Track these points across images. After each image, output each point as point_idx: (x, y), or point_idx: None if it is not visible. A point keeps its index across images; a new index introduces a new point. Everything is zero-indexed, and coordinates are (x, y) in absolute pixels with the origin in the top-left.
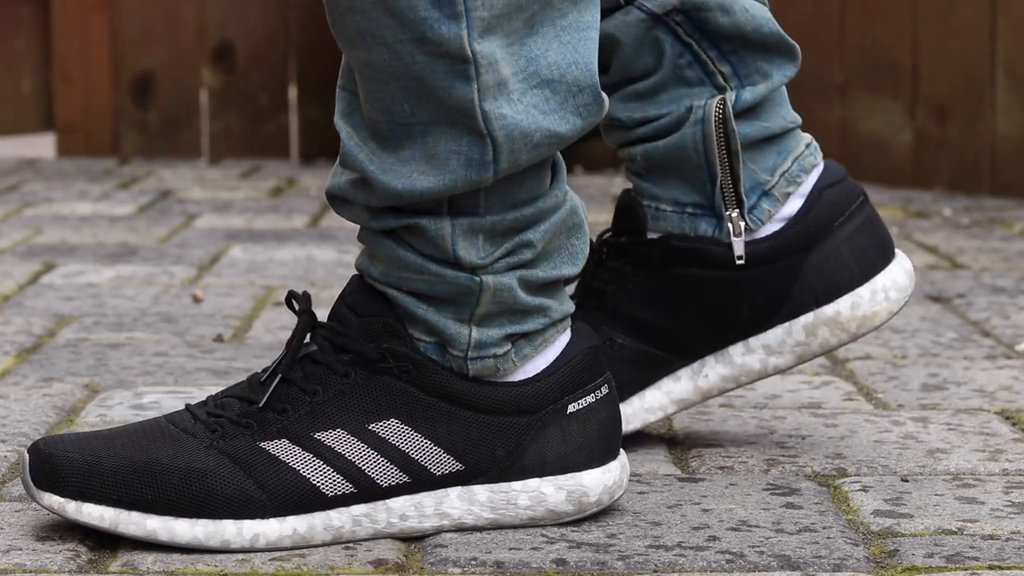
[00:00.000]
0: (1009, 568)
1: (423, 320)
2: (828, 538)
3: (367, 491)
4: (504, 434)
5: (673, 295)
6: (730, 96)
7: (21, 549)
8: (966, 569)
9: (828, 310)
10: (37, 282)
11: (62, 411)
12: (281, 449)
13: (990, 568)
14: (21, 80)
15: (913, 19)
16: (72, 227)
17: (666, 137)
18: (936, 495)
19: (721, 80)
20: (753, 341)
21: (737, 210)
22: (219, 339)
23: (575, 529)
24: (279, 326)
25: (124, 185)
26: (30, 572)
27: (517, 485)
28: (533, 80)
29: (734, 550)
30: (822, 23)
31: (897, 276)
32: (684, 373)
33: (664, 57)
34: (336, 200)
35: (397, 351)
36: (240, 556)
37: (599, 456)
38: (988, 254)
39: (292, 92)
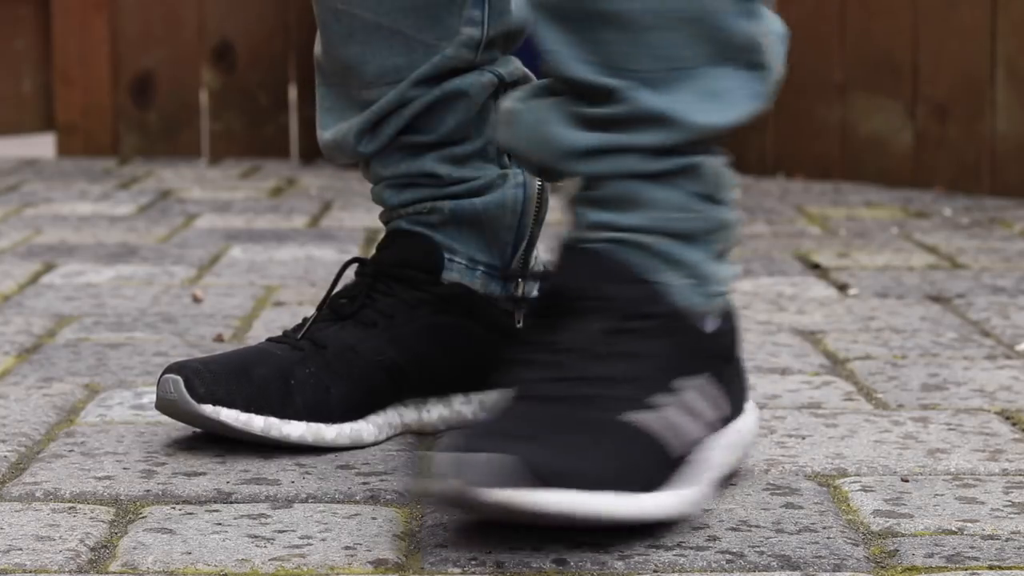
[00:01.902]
0: (1009, 568)
1: (682, 262)
2: (828, 538)
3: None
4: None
5: (444, 339)
6: None
7: (21, 549)
8: (966, 569)
9: None
10: (37, 282)
11: (62, 411)
12: None
13: (990, 568)
14: (21, 80)
15: (913, 18)
16: (72, 227)
17: (481, 196)
18: (936, 495)
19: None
20: (475, 396)
21: (528, 278)
22: (219, 339)
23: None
24: (279, 326)
25: (124, 185)
26: (30, 572)
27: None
28: None
29: (734, 550)
30: (822, 22)
31: None
32: (412, 402)
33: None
34: (596, 154)
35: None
36: (240, 556)
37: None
38: (988, 254)
39: (292, 92)
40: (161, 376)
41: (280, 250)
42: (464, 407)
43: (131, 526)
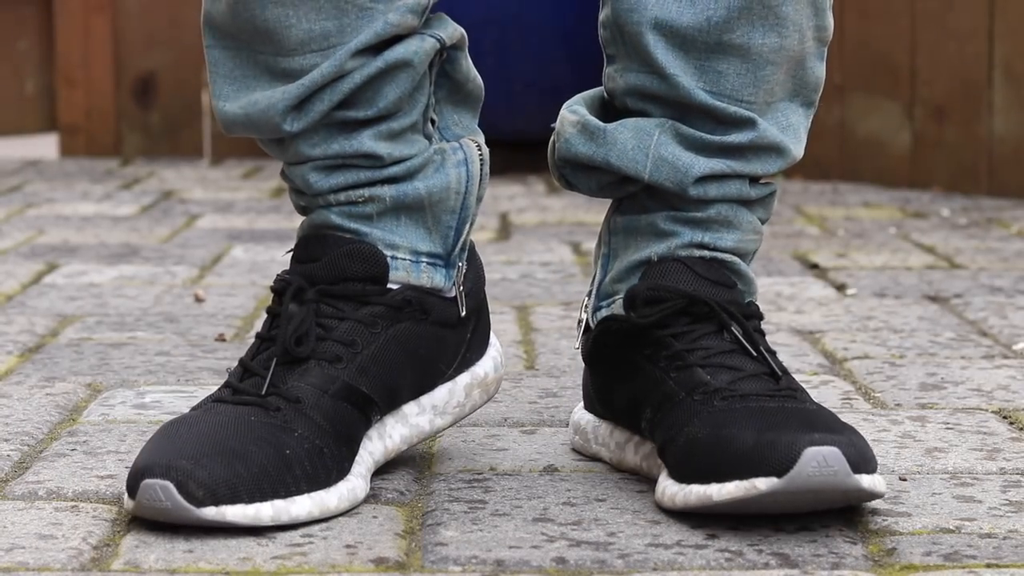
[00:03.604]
0: (1006, 566)
1: (746, 278)
2: (827, 536)
3: None
4: None
5: (398, 348)
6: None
7: (24, 547)
8: (964, 567)
9: (479, 369)
10: (40, 282)
11: (64, 410)
12: None
13: (987, 566)
14: (24, 81)
15: (911, 21)
16: (75, 227)
17: (422, 177)
18: (934, 494)
19: (430, 128)
20: (424, 400)
21: (466, 260)
22: (221, 339)
23: (575, 528)
24: None
25: (126, 185)
26: (33, 570)
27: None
28: None
29: (733, 548)
30: None
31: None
32: (375, 431)
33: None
34: (713, 178)
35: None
36: (242, 555)
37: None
38: (986, 254)
39: None
40: (140, 481)
41: (282, 250)
42: (419, 418)
43: (133, 524)
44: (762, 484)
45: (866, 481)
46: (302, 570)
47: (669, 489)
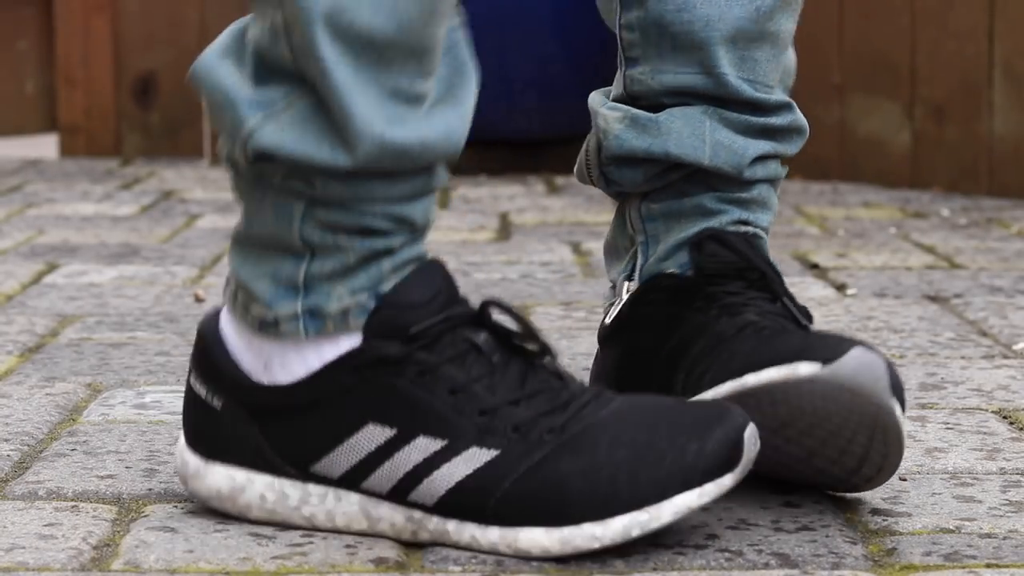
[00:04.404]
0: (1007, 566)
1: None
2: (827, 536)
3: None
4: None
5: None
6: None
7: (24, 547)
8: (964, 567)
9: None
10: (40, 282)
11: (64, 410)
12: None
13: (988, 566)
14: (24, 81)
15: (911, 20)
16: (75, 227)
17: None
18: (934, 494)
19: None
20: None
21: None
22: None
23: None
24: None
25: (126, 185)
26: (33, 570)
27: None
28: None
29: (733, 548)
30: (820, 24)
31: None
32: None
33: None
34: (761, 160)
35: None
36: (242, 555)
37: None
38: (986, 254)
39: None
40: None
41: None
42: None
43: (133, 524)
44: (804, 368)
45: (898, 410)
46: (302, 570)
47: (702, 396)
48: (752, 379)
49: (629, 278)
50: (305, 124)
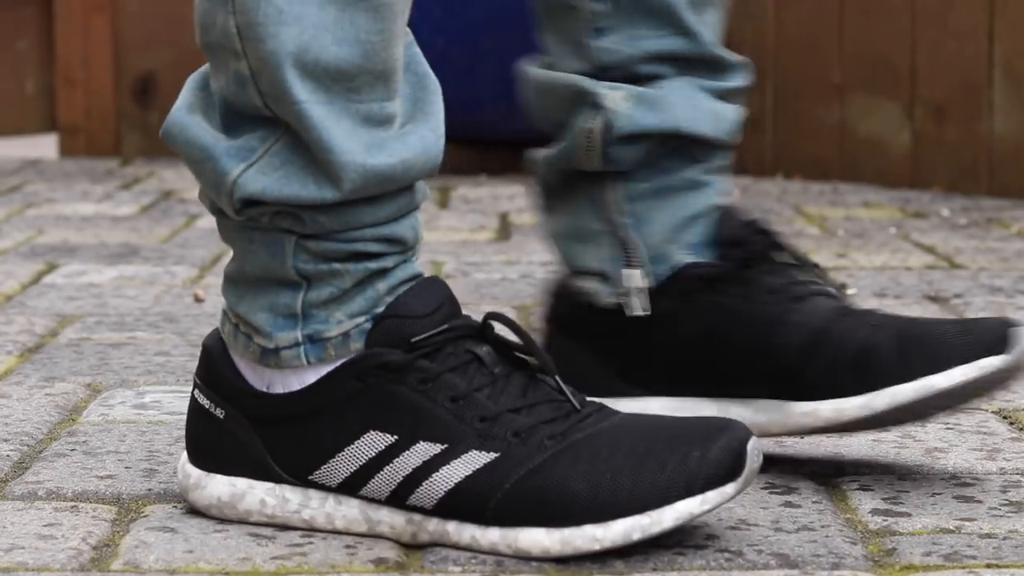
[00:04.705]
0: (1006, 566)
1: None
2: (826, 537)
3: None
4: None
5: None
6: None
7: (24, 547)
8: (964, 568)
9: None
10: (39, 282)
11: (64, 410)
12: None
13: (988, 567)
14: (24, 81)
15: (911, 20)
16: (74, 227)
17: None
18: (934, 494)
19: None
20: None
21: None
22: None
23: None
24: None
25: (126, 185)
26: (32, 570)
27: None
28: None
29: (733, 548)
30: (821, 24)
31: None
32: None
33: None
34: (737, 124)
35: None
36: (241, 555)
37: None
38: (986, 254)
39: None
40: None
41: None
42: None
43: (133, 525)
44: (996, 362)
45: None
46: (302, 570)
47: (849, 404)
48: (943, 382)
49: (630, 265)
50: (287, 166)
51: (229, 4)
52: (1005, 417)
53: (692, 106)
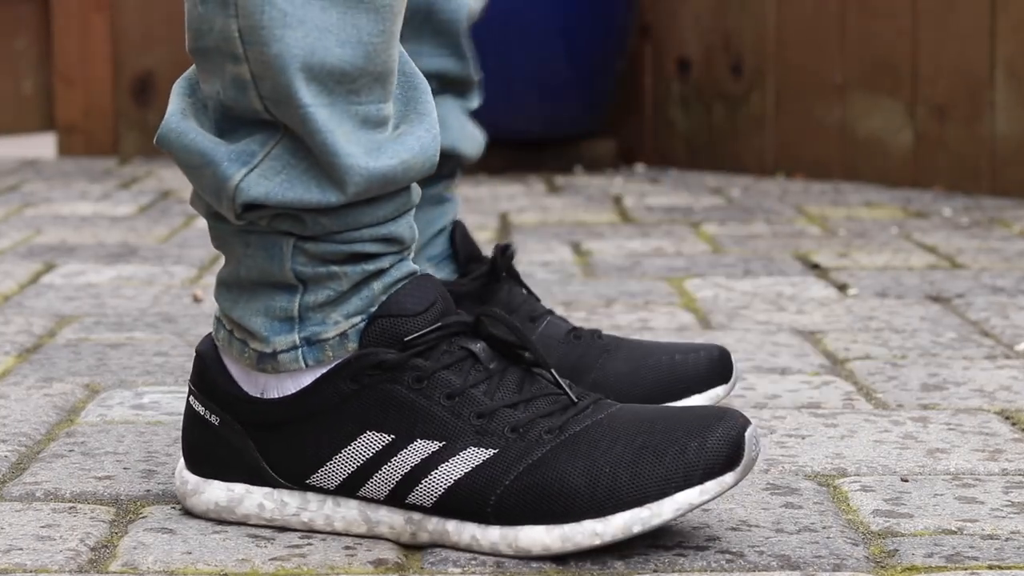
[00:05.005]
0: (1009, 568)
1: None
2: (828, 538)
3: None
4: None
5: None
6: None
7: (22, 549)
8: (966, 569)
9: None
10: (38, 282)
11: (62, 411)
12: None
13: (990, 568)
14: (22, 80)
15: (913, 19)
16: (72, 227)
17: None
18: (936, 495)
19: None
20: None
21: None
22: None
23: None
24: None
25: (124, 185)
26: (30, 572)
27: None
28: None
29: (734, 550)
30: (822, 23)
31: None
32: None
33: None
34: None
35: None
36: (240, 556)
37: None
38: (987, 254)
39: None
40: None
41: None
42: None
43: (131, 526)
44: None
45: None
46: (301, 572)
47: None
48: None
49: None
50: (288, 169)
51: (231, 7)
52: (1007, 418)
53: (460, 127)
